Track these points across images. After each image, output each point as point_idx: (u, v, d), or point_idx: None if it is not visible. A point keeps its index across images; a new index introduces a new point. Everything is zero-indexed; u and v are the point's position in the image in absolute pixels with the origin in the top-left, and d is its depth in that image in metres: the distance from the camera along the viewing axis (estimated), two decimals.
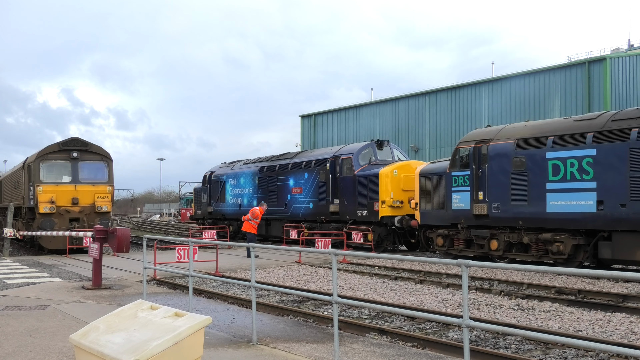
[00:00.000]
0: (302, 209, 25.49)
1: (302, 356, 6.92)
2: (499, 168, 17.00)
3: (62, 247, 22.04)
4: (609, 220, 14.49)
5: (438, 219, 19.02)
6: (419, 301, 11.48)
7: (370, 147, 23.80)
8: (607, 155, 14.50)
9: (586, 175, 14.91)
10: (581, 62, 35.11)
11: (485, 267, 5.16)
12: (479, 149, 17.74)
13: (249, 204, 28.86)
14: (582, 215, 14.98)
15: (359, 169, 22.99)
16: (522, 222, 16.39)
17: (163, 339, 4.76)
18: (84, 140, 24.04)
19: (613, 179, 14.38)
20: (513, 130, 17.31)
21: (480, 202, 17.47)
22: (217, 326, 8.67)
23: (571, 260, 15.57)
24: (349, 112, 49.78)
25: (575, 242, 15.38)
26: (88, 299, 11.43)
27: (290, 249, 8.82)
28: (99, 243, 12.98)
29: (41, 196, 22.58)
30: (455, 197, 18.27)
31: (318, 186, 24.75)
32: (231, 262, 18.49)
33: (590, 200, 14.79)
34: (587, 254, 15.28)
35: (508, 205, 16.69)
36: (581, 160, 15.02)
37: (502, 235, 17.04)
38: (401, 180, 21.91)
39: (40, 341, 7.73)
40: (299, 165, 26.17)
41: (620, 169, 14.24)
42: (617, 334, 8.58)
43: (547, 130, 16.23)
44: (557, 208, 15.47)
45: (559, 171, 15.48)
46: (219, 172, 32.86)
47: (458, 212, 18.18)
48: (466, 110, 39.74)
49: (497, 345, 8.01)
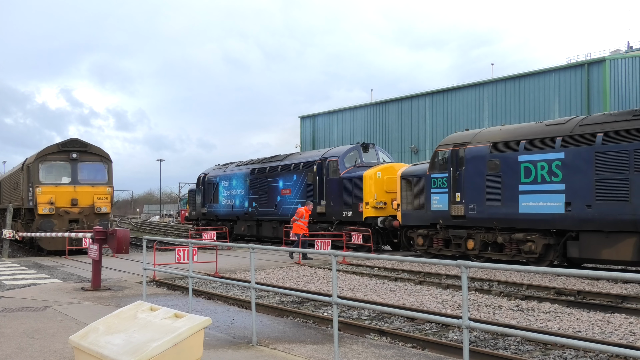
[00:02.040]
0: (291, 210, 25.85)
1: (301, 357, 6.92)
2: (475, 170, 17.61)
3: (61, 248, 22.02)
4: (576, 221, 15.11)
5: (418, 220, 19.62)
6: (418, 302, 11.48)
7: (355, 149, 24.37)
8: (575, 159, 15.14)
9: (555, 178, 15.52)
10: (580, 63, 35.14)
11: (484, 267, 5.16)
12: (456, 152, 18.33)
13: (240, 205, 29.66)
14: (551, 216, 15.57)
15: (345, 171, 23.56)
16: (497, 223, 16.98)
17: (163, 340, 4.76)
18: (83, 141, 24.03)
19: (580, 181, 15.00)
20: (489, 134, 17.92)
21: (457, 203, 18.07)
22: (217, 327, 8.67)
23: (542, 259, 16.08)
24: (349, 113, 49.80)
25: (545, 242, 15.94)
26: (87, 300, 11.42)
27: (288, 250, 8.82)
28: (99, 244, 12.98)
29: (40, 197, 22.57)
30: (434, 198, 18.92)
31: (306, 188, 25.31)
32: (231, 263, 18.49)
33: (559, 201, 15.40)
34: (557, 253, 15.84)
35: (483, 206, 17.29)
36: (551, 163, 15.62)
37: (478, 235, 17.63)
38: (384, 182, 22.45)
39: (40, 342, 7.73)
40: (288, 167, 26.72)
41: (587, 171, 14.85)
42: (616, 334, 8.58)
43: (520, 134, 16.84)
44: (529, 209, 16.08)
45: (531, 173, 16.10)
46: (212, 173, 33.41)
47: (437, 212, 18.77)
48: (466, 112, 39.77)
49: (496, 346, 8.01)
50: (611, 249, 14.51)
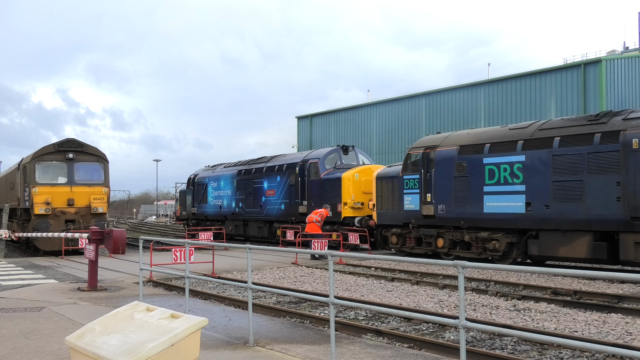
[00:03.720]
0: (274, 210, 26.87)
1: (298, 357, 6.92)
2: (444, 172, 18.38)
3: (57, 248, 21.97)
4: (535, 220, 15.91)
5: (392, 219, 20.37)
6: (415, 302, 11.48)
7: (336, 152, 25.31)
8: (534, 161, 15.94)
9: (517, 179, 16.34)
10: (577, 64, 35.20)
11: (481, 268, 5.17)
12: (427, 154, 19.10)
13: (228, 205, 30.63)
14: (513, 215, 16.37)
15: (325, 173, 24.49)
16: (464, 222, 17.76)
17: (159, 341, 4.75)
18: (79, 141, 23.99)
19: (539, 182, 15.81)
20: (457, 138, 18.70)
21: (428, 204, 18.85)
22: (214, 327, 8.66)
23: (506, 257, 16.90)
24: (346, 113, 49.79)
25: (509, 240, 16.74)
26: (84, 301, 11.40)
27: (286, 250, 8.82)
28: (95, 244, 12.95)
29: (36, 197, 22.52)
30: (407, 198, 19.68)
31: (289, 189, 26.14)
32: (227, 263, 18.47)
33: (520, 202, 16.22)
34: (520, 251, 16.65)
35: (451, 207, 18.07)
36: (512, 166, 16.46)
37: (447, 234, 18.40)
38: (362, 183, 23.30)
39: (36, 343, 7.70)
40: (272, 169, 27.61)
41: (545, 173, 15.67)
42: (612, 334, 8.60)
43: (485, 137, 17.67)
44: (493, 209, 16.91)
45: (494, 175, 16.91)
46: (202, 175, 34.29)
47: (409, 212, 19.56)
48: (463, 112, 39.79)
49: (493, 346, 8.02)
50: (567, 247, 15.25)
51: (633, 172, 13.98)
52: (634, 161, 13.99)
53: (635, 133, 14.04)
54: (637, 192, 13.89)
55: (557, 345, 7.68)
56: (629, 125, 14.33)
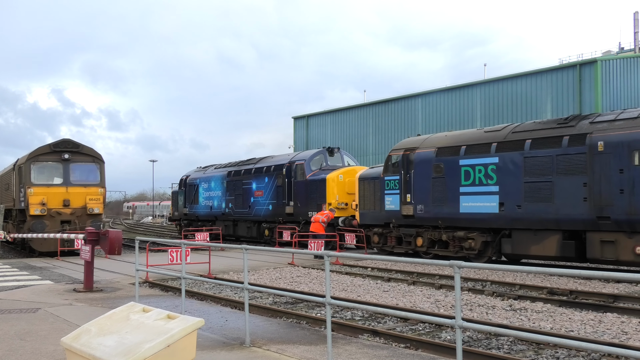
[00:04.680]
0: (263, 211, 27.59)
1: (295, 358, 6.91)
2: (423, 173, 18.99)
3: (53, 249, 21.91)
4: (508, 220, 16.50)
5: (374, 219, 20.95)
6: (411, 302, 11.49)
7: (321, 153, 25.98)
8: (507, 163, 16.55)
9: (491, 181, 16.92)
10: (572, 64, 35.27)
11: (477, 268, 5.17)
12: (407, 156, 19.68)
13: (218, 205, 31.21)
14: (487, 215, 16.97)
15: (310, 174, 25.03)
16: (441, 222, 18.37)
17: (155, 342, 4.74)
18: (75, 141, 23.93)
19: (511, 183, 16.40)
20: (435, 140, 19.34)
21: (407, 204, 19.45)
22: (210, 328, 8.64)
23: (481, 255, 17.50)
24: (342, 113, 49.77)
25: (484, 239, 17.34)
26: (79, 302, 11.37)
27: (283, 251, 8.82)
28: (91, 245, 12.92)
29: (32, 198, 22.45)
30: (388, 199, 20.28)
31: (276, 190, 26.74)
32: (224, 264, 18.45)
33: (494, 202, 16.80)
34: (494, 250, 17.25)
35: (430, 207, 18.67)
36: (487, 167, 17.04)
37: (426, 233, 19.03)
38: (346, 184, 23.88)
39: (31, 344, 7.68)
40: (261, 170, 28.24)
41: (517, 175, 16.27)
42: (608, 334, 8.62)
43: (461, 140, 18.25)
44: (469, 209, 17.49)
45: (470, 176, 17.50)
46: (193, 176, 34.83)
47: (390, 212, 20.11)
48: (459, 112, 39.82)
49: (489, 346, 8.03)
50: (538, 246, 15.86)
51: (598, 173, 14.56)
52: (599, 163, 14.56)
53: (601, 136, 14.61)
54: (602, 192, 14.46)
55: (553, 345, 7.69)
56: (595, 128, 14.89)
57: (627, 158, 14.10)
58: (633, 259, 14.10)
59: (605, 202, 14.40)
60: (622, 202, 14.10)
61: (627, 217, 14.05)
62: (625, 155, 14.12)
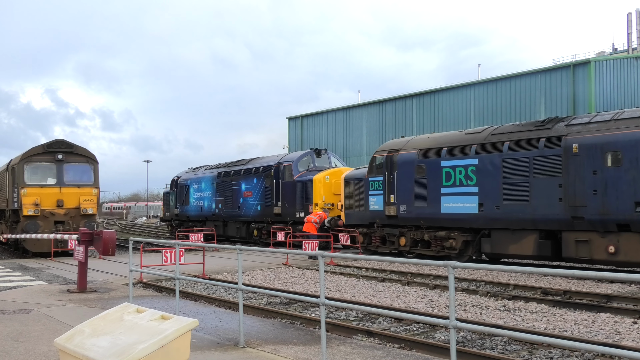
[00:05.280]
0: (251, 211, 27.99)
1: (289, 358, 6.90)
2: (406, 174, 19.37)
3: (46, 250, 21.82)
4: (487, 220, 16.89)
5: (359, 219, 21.34)
6: (406, 303, 11.50)
7: (309, 155, 26.54)
8: (486, 164, 16.93)
9: (470, 182, 17.33)
10: (566, 65, 35.39)
11: (471, 268, 5.18)
12: (390, 157, 20.09)
13: (208, 206, 31.67)
14: (467, 215, 17.35)
15: (298, 175, 25.54)
16: (424, 222, 18.79)
17: (149, 342, 4.73)
18: (69, 142, 23.84)
19: (490, 184, 16.79)
20: (418, 142, 19.77)
21: (391, 204, 19.81)
22: (204, 329, 8.63)
23: (462, 255, 17.87)
24: (336, 114, 49.79)
25: (464, 239, 17.73)
26: (73, 303, 11.33)
27: (277, 251, 8.81)
28: (85, 246, 12.87)
29: (25, 199, 22.35)
30: (372, 199, 20.68)
31: (264, 190, 27.22)
32: (218, 265, 18.42)
33: (474, 202, 17.18)
34: (474, 249, 17.64)
35: (412, 207, 19.06)
36: (467, 168, 17.43)
37: (409, 233, 19.43)
38: (332, 185, 24.33)
39: (25, 345, 7.64)
40: (249, 171, 28.75)
41: (496, 176, 16.66)
42: (601, 334, 8.65)
43: (443, 141, 18.64)
44: (449, 209, 17.88)
45: (451, 177, 17.91)
46: (184, 177, 35.38)
47: (374, 213, 20.50)
48: (453, 113, 39.89)
49: (483, 346, 8.04)
50: (516, 245, 16.23)
51: (573, 175, 14.97)
52: (573, 164, 14.97)
53: (576, 138, 15.02)
54: (577, 193, 14.86)
55: (547, 345, 7.71)
56: (570, 130, 15.30)
57: (600, 160, 14.52)
58: (606, 258, 14.48)
59: (579, 202, 14.81)
60: (595, 203, 14.53)
61: (600, 217, 14.44)
62: (599, 157, 14.54)
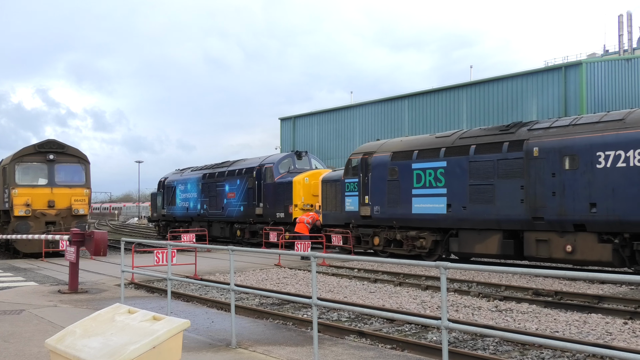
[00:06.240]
0: (235, 212, 28.59)
1: (281, 359, 6.90)
2: (379, 176, 19.93)
3: (37, 250, 21.70)
4: (455, 220, 17.47)
5: (335, 220, 21.93)
6: (398, 303, 11.51)
7: (289, 157, 27.24)
8: (454, 167, 17.51)
9: (439, 183, 17.90)
10: (558, 66, 35.55)
11: (463, 269, 5.19)
12: (365, 159, 20.70)
13: (194, 207, 32.22)
14: (437, 216, 17.93)
15: (279, 177, 26.19)
16: (396, 222, 19.35)
17: (141, 343, 4.71)
18: (60, 142, 23.71)
19: (458, 186, 17.35)
20: (391, 145, 20.38)
21: (365, 205, 20.39)
22: (196, 330, 8.61)
23: (432, 254, 18.47)
24: (329, 114, 49.80)
25: (434, 238, 18.33)
26: (64, 303, 11.27)
27: (269, 252, 8.81)
28: (76, 246, 12.81)
29: (16, 199, 22.23)
30: (348, 200, 21.29)
31: (247, 191, 27.81)
32: (210, 265, 18.38)
33: (442, 203, 17.76)
34: (443, 249, 18.19)
35: (385, 208, 19.62)
36: (436, 171, 18.01)
37: (382, 233, 19.98)
38: (311, 186, 25.07)
39: (15, 346, 7.60)
40: (233, 172, 29.31)
41: (463, 178, 17.23)
42: (592, 334, 8.69)
43: (414, 144, 19.31)
44: (420, 210, 18.46)
45: (421, 179, 18.48)
46: (171, 178, 35.98)
47: (350, 213, 21.12)
48: (445, 114, 39.99)
49: (475, 347, 8.06)
50: (482, 244, 16.78)
51: (534, 177, 15.56)
52: (534, 167, 15.58)
53: (536, 142, 15.64)
54: (537, 195, 15.45)
55: (538, 346, 7.74)
56: (531, 135, 15.91)
57: (558, 163, 15.13)
58: (564, 257, 15.09)
59: (539, 203, 15.41)
60: (554, 204, 15.12)
61: (558, 217, 15.05)
62: (557, 160, 15.14)
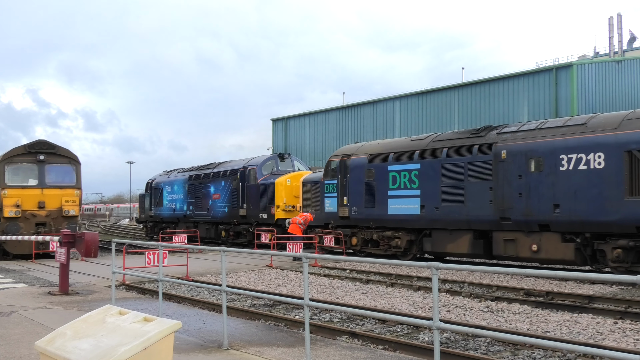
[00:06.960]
0: (220, 213, 29.04)
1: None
2: (357, 178, 20.53)
3: (27, 252, 21.55)
4: (428, 221, 18.06)
5: (315, 220, 22.01)
6: (390, 304, 11.52)
7: (272, 159, 27.79)
8: (427, 169, 18.08)
9: (414, 185, 18.46)
10: (549, 68, 35.71)
11: (455, 269, 5.20)
12: (344, 161, 21.28)
13: (180, 208, 32.66)
14: (411, 216, 18.53)
15: (262, 178, 26.76)
16: (372, 222, 19.94)
17: (132, 345, 4.68)
18: (50, 142, 23.58)
19: (431, 187, 17.93)
20: (368, 147, 20.98)
21: (344, 206, 21.00)
22: (188, 331, 8.57)
23: (407, 253, 19.01)
24: (321, 115, 49.81)
25: (409, 238, 18.88)
26: (55, 305, 11.20)
27: (261, 253, 8.79)
28: (66, 248, 12.74)
29: (6, 200, 22.09)
30: (327, 201, 21.89)
31: (231, 193, 28.26)
32: (202, 266, 18.33)
33: (416, 204, 18.32)
34: (417, 248, 18.76)
35: (363, 209, 20.24)
36: (410, 173, 18.56)
37: (360, 233, 20.60)
38: (293, 188, 25.67)
39: (4, 349, 7.54)
40: (218, 174, 29.75)
41: (435, 179, 17.80)
42: (583, 334, 8.73)
43: (390, 147, 19.85)
44: (395, 211, 19.02)
45: (396, 181, 19.02)
46: (158, 179, 36.43)
47: (329, 214, 21.71)
48: (437, 115, 40.09)
49: (467, 347, 8.08)
50: (454, 244, 17.40)
51: (502, 179, 16.16)
52: (502, 170, 16.16)
53: (505, 145, 16.22)
54: (505, 196, 16.04)
55: (529, 346, 7.77)
56: (500, 138, 16.49)
57: (524, 165, 15.69)
58: (530, 256, 15.64)
59: (507, 204, 15.98)
60: (520, 205, 15.69)
61: (525, 218, 15.62)
62: (523, 163, 15.71)
